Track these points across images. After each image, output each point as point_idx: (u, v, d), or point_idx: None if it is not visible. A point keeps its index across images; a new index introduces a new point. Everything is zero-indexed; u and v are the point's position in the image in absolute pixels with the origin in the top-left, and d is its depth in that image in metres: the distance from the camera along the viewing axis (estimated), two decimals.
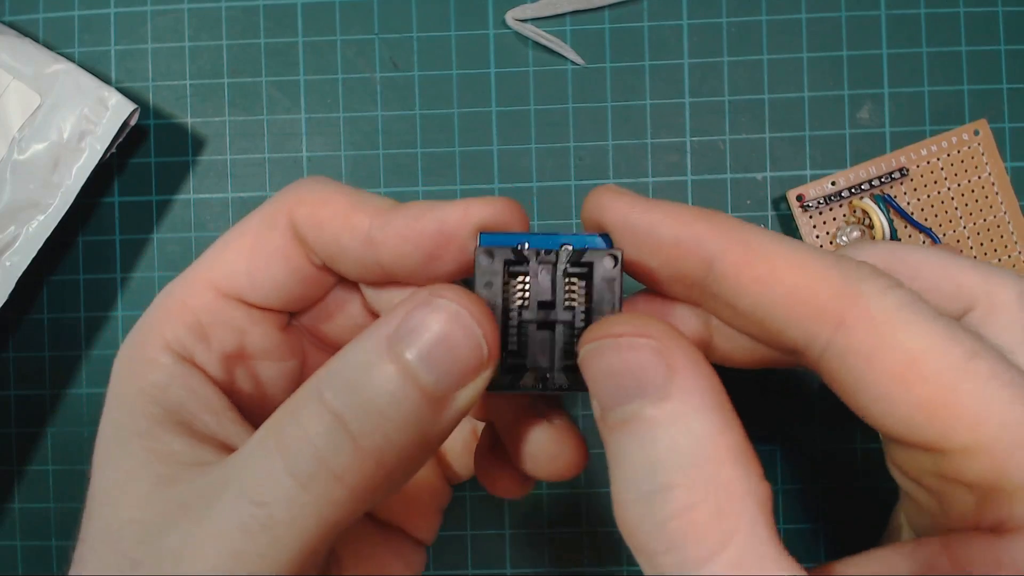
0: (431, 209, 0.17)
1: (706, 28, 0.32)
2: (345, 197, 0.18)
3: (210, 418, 0.18)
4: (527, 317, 0.17)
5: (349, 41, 0.33)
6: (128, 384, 0.18)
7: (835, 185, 0.31)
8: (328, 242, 0.18)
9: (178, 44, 0.33)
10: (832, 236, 0.31)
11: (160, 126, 0.33)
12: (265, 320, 0.20)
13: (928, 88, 0.32)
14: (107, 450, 0.18)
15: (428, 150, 0.33)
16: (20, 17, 0.33)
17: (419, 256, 0.18)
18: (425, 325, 0.15)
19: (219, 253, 0.19)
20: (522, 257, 0.17)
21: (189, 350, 0.19)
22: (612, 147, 0.33)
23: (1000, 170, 0.31)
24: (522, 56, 0.33)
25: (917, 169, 0.31)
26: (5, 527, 0.33)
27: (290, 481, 0.15)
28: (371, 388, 0.15)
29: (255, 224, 0.19)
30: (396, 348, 0.15)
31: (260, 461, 0.16)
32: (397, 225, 0.17)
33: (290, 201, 0.19)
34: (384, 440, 0.15)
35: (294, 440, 0.15)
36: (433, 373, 0.15)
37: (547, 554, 0.32)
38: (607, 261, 0.17)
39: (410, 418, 0.15)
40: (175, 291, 0.19)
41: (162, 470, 0.17)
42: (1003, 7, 0.32)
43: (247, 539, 0.15)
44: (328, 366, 0.16)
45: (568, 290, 0.17)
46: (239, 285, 0.19)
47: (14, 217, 0.31)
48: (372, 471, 0.15)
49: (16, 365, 0.33)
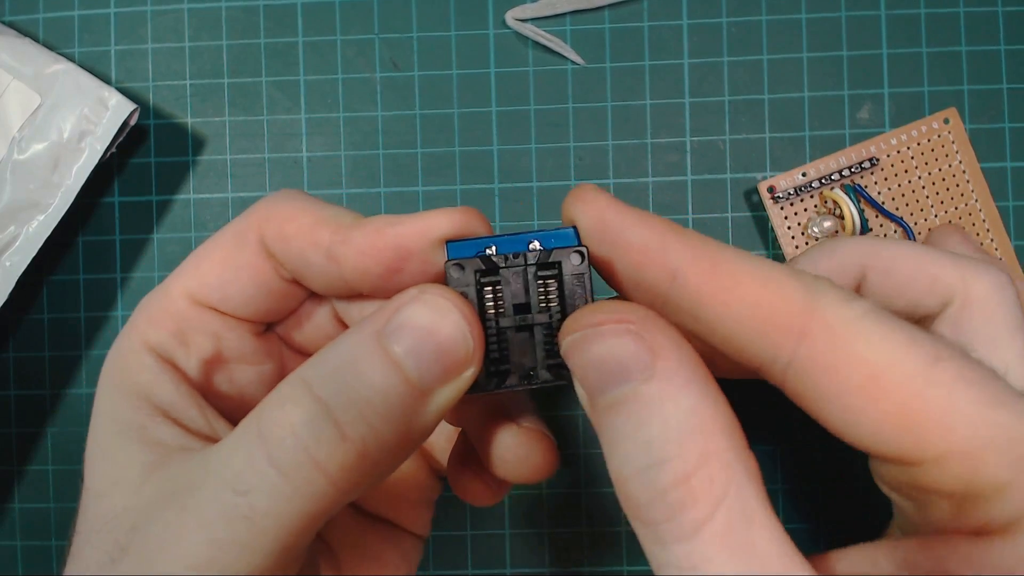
0: (390, 225, 0.18)
1: (706, 28, 0.32)
2: (310, 213, 0.18)
3: (195, 413, 0.19)
4: (505, 324, 0.17)
5: (349, 41, 0.33)
6: (116, 384, 0.19)
7: (805, 176, 0.31)
8: (294, 257, 0.19)
9: (178, 44, 0.33)
10: (804, 227, 0.31)
11: (160, 126, 0.33)
12: (240, 327, 0.20)
13: (928, 88, 0.32)
14: (99, 445, 0.18)
15: (428, 150, 0.33)
16: (20, 17, 0.33)
17: (380, 271, 0.18)
18: (413, 319, 0.16)
19: (194, 265, 0.20)
20: (492, 265, 0.17)
21: (170, 353, 0.19)
22: (612, 147, 0.33)
23: (971, 158, 0.31)
24: (522, 56, 0.33)
25: (888, 159, 0.31)
26: (5, 527, 0.33)
27: (272, 470, 0.15)
28: (358, 379, 0.15)
29: (227, 239, 0.20)
30: (384, 341, 0.16)
31: (242, 450, 0.16)
32: (357, 241, 0.18)
33: (260, 217, 0.19)
34: (369, 431, 0.15)
35: (277, 429, 0.15)
36: (420, 365, 0.16)
37: (547, 554, 0.32)
38: (574, 257, 0.17)
39: (395, 410, 0.16)
40: (155, 299, 0.20)
41: (152, 458, 0.17)
42: (1003, 7, 0.32)
43: (228, 528, 0.15)
44: (315, 358, 0.16)
45: (541, 291, 0.17)
46: (212, 297, 0.19)
47: (14, 217, 0.31)
48: (356, 462, 0.16)
49: (16, 365, 0.33)
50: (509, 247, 0.18)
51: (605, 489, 0.32)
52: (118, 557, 0.16)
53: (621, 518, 0.32)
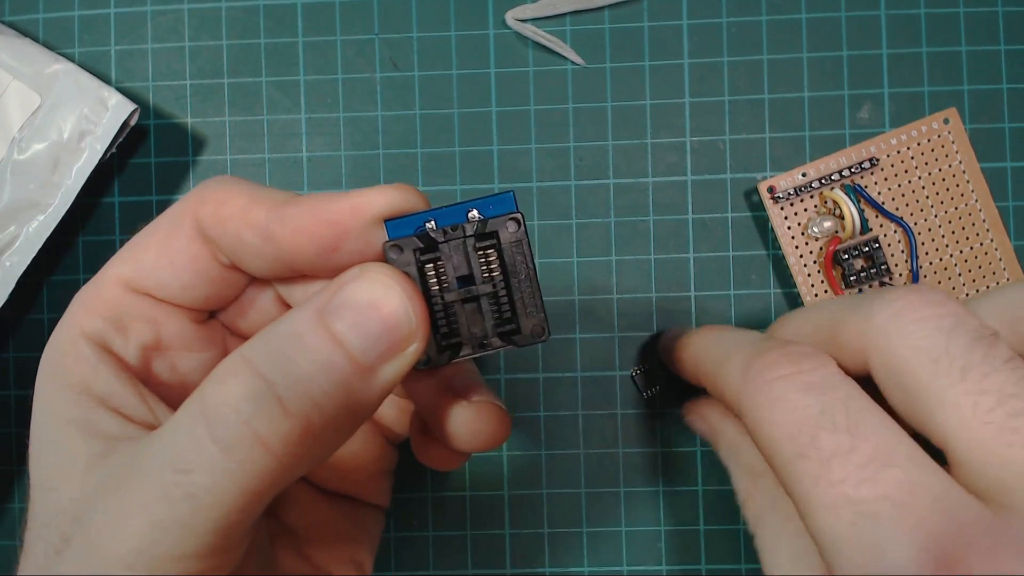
0: (323, 202, 0.18)
1: (706, 28, 0.32)
2: (244, 194, 0.18)
3: (136, 401, 0.18)
4: (450, 298, 0.17)
5: (349, 41, 0.33)
6: (54, 376, 0.18)
7: (805, 176, 0.31)
8: (230, 239, 0.18)
9: (178, 44, 0.33)
10: (803, 227, 0.31)
11: (160, 126, 0.33)
12: (179, 314, 0.20)
13: (928, 88, 0.32)
14: (43, 440, 0.18)
15: (428, 150, 0.33)
16: (20, 17, 0.33)
17: (317, 249, 0.18)
18: (355, 296, 0.16)
19: (129, 252, 0.20)
20: (431, 242, 0.17)
21: (108, 341, 0.19)
22: (612, 147, 0.33)
23: (971, 158, 0.31)
24: (522, 56, 0.33)
25: (888, 159, 0.31)
26: (5, 527, 0.33)
27: (214, 448, 0.15)
28: (301, 355, 0.15)
29: (163, 225, 0.19)
30: (326, 318, 0.16)
31: (184, 429, 0.16)
32: (291, 219, 0.18)
33: (194, 201, 0.19)
34: (312, 406, 0.15)
35: (219, 406, 0.15)
36: (363, 342, 0.16)
37: (547, 554, 0.32)
38: (510, 225, 0.17)
39: (339, 386, 0.16)
40: (90, 289, 0.20)
41: (98, 448, 0.17)
42: (1003, 7, 0.32)
43: (169, 508, 0.15)
44: (257, 337, 0.16)
45: (483, 261, 0.17)
46: (148, 283, 0.19)
47: (14, 217, 0.31)
48: (300, 436, 0.15)
49: (16, 365, 0.33)
50: (448, 219, 0.18)
51: (605, 489, 0.32)
52: (62, 548, 0.16)
53: (621, 518, 0.32)
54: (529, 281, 0.17)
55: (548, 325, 0.18)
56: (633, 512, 0.32)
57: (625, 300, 0.32)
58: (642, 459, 0.32)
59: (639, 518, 0.32)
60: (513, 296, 0.17)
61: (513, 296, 0.17)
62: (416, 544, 0.32)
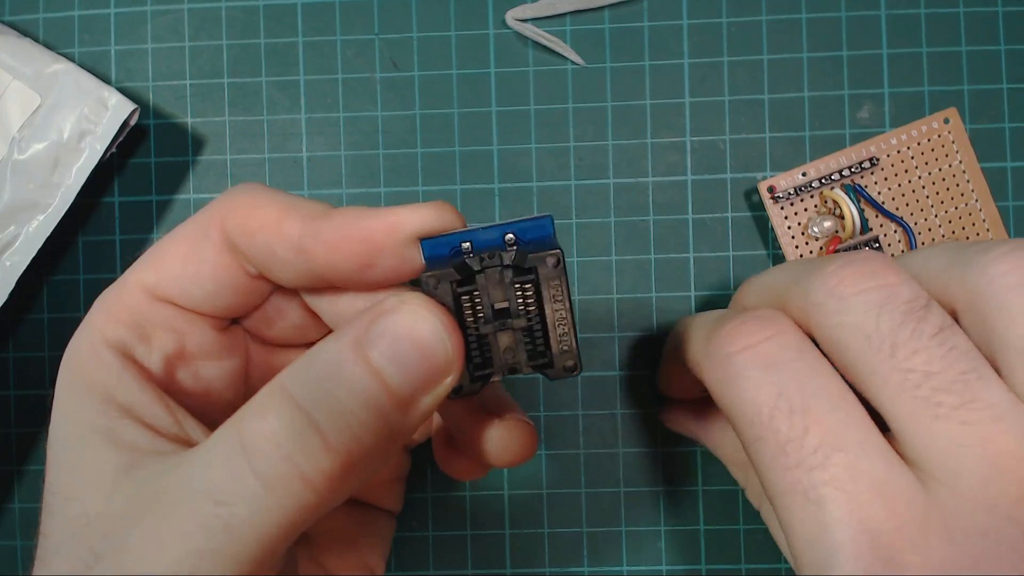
0: (358, 218, 0.17)
1: (706, 28, 0.32)
2: (276, 204, 0.18)
3: (162, 412, 0.18)
4: (486, 330, 0.17)
5: (349, 41, 0.33)
6: (77, 383, 0.18)
7: (805, 176, 0.31)
8: (260, 251, 0.18)
9: (178, 44, 0.33)
10: (804, 227, 0.31)
11: (160, 126, 0.33)
12: (203, 322, 0.20)
13: (928, 88, 0.32)
14: (64, 447, 0.18)
15: (428, 150, 0.33)
16: (20, 17, 0.33)
17: (352, 265, 0.18)
18: (393, 329, 0.16)
19: (153, 259, 0.19)
20: (468, 273, 0.17)
21: (131, 349, 0.19)
22: (612, 147, 0.33)
23: (971, 158, 0.31)
24: (522, 56, 0.33)
25: (888, 159, 0.31)
26: (5, 527, 0.33)
27: (255, 482, 0.15)
28: (340, 388, 0.15)
29: (188, 233, 0.19)
30: (365, 350, 0.16)
31: (223, 460, 0.16)
32: (327, 235, 0.17)
33: (222, 210, 0.19)
34: (352, 440, 0.15)
35: (260, 439, 0.15)
36: (401, 375, 0.16)
37: (547, 554, 0.32)
38: (550, 261, 0.17)
39: (377, 418, 0.16)
40: (112, 294, 0.19)
41: (124, 460, 0.17)
42: (1003, 7, 0.32)
43: (209, 539, 0.15)
44: (295, 367, 0.16)
45: (519, 295, 0.17)
46: (172, 292, 0.19)
47: (14, 217, 0.31)
48: (339, 470, 0.16)
49: (16, 365, 0.33)
50: (484, 241, 0.17)
51: (605, 489, 0.32)
52: (93, 565, 0.16)
53: (621, 518, 0.32)
54: (565, 317, 0.17)
55: (581, 361, 0.18)
56: (633, 512, 0.32)
57: (625, 300, 0.32)
58: (642, 459, 0.32)
59: (639, 518, 0.32)
60: (548, 331, 0.17)
61: (548, 331, 0.17)
62: (416, 544, 0.32)
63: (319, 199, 0.19)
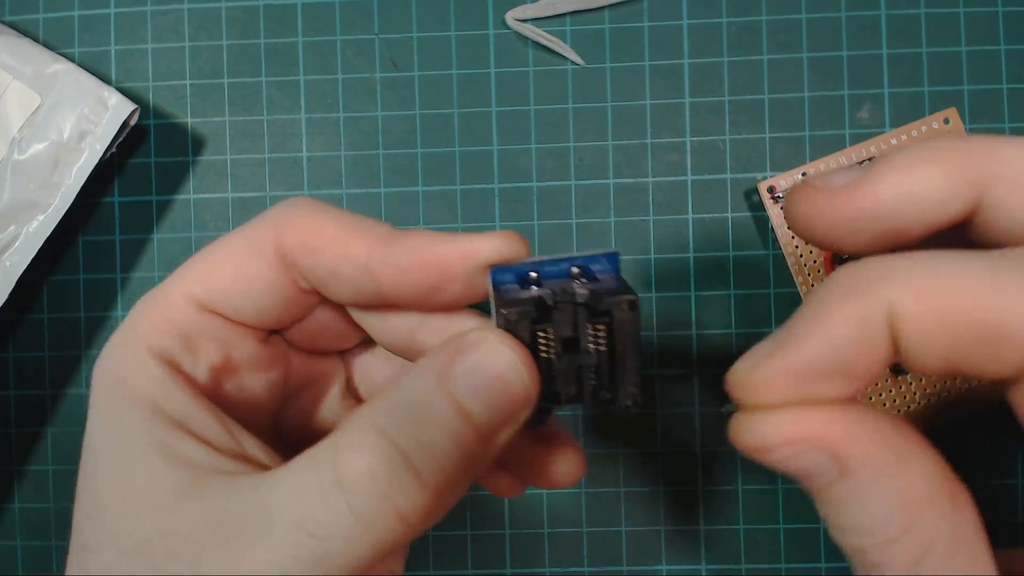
0: (430, 244, 0.18)
1: (706, 28, 0.32)
2: (338, 224, 0.18)
3: (215, 425, 0.18)
4: (559, 367, 0.18)
5: (349, 41, 0.33)
6: (121, 392, 0.18)
7: (805, 176, 0.31)
8: (322, 270, 0.18)
9: (178, 44, 0.33)
10: None
11: (160, 126, 0.33)
12: (249, 334, 0.20)
13: (928, 88, 0.32)
14: (113, 459, 0.17)
15: (428, 150, 0.33)
16: (20, 17, 0.33)
17: (420, 289, 0.18)
18: (478, 366, 0.16)
19: (201, 271, 0.19)
20: (546, 310, 0.17)
21: (177, 360, 0.18)
22: (612, 147, 0.33)
23: None
24: (522, 56, 0.33)
25: None
26: (5, 527, 0.33)
27: (352, 517, 0.15)
28: (431, 424, 0.16)
29: (241, 245, 0.19)
30: (452, 386, 0.16)
31: (319, 494, 0.16)
32: (398, 259, 0.18)
33: (279, 226, 0.18)
34: (444, 476, 0.16)
35: (358, 476, 0.16)
36: (485, 411, 0.16)
37: (547, 554, 0.32)
38: (625, 306, 0.17)
39: (464, 453, 0.16)
40: (156, 302, 0.19)
41: (183, 477, 0.17)
42: (1003, 7, 0.32)
43: (299, 566, 0.15)
44: (384, 402, 0.16)
45: (591, 335, 0.18)
46: (222, 305, 0.19)
47: (14, 217, 0.31)
48: (432, 506, 0.16)
49: (16, 365, 0.33)
50: (550, 272, 0.18)
51: (605, 489, 0.32)
52: None
53: (621, 518, 0.32)
54: (635, 359, 0.18)
55: (640, 399, 0.18)
56: (633, 512, 0.32)
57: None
58: (642, 459, 0.32)
59: (639, 518, 0.32)
60: (616, 371, 0.18)
61: (616, 371, 0.18)
62: (416, 544, 0.32)
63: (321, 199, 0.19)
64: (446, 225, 0.33)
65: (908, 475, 0.14)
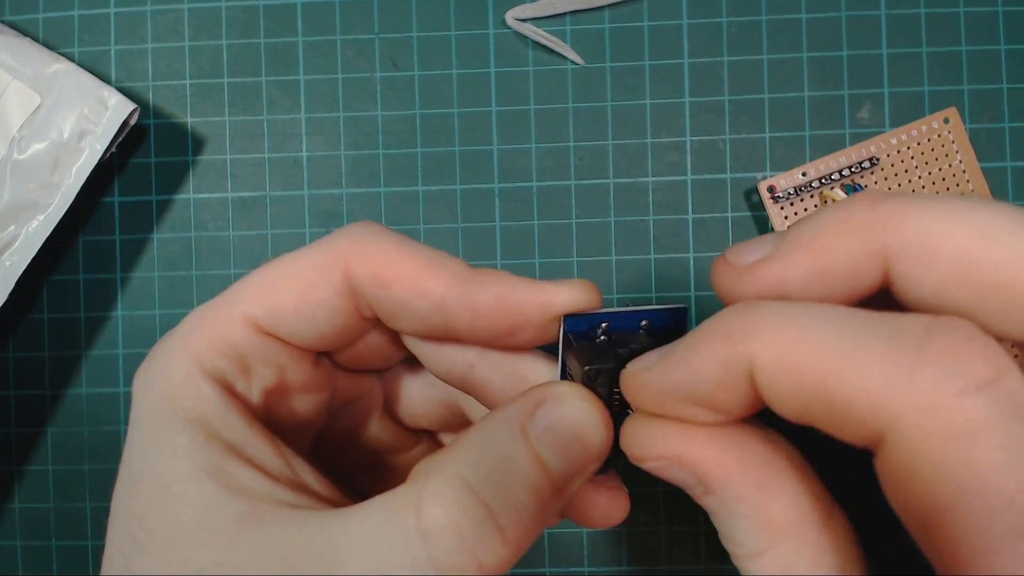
0: (510, 291, 0.18)
1: (706, 28, 0.32)
2: (414, 259, 0.18)
3: (271, 452, 0.17)
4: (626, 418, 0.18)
5: (349, 41, 0.33)
6: (171, 411, 0.17)
7: (805, 176, 0.31)
8: (394, 304, 0.18)
9: (178, 44, 0.33)
10: None
11: (160, 126, 0.33)
12: (303, 356, 0.19)
13: (928, 88, 0.32)
14: (163, 482, 0.17)
15: (428, 150, 0.33)
16: (20, 17, 0.33)
17: (495, 333, 0.18)
18: (561, 422, 0.16)
19: (262, 292, 0.18)
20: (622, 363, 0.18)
21: (232, 382, 0.18)
22: (612, 147, 0.33)
23: (971, 158, 0.31)
24: (522, 56, 0.33)
25: (887, 159, 0.31)
26: (5, 527, 0.33)
27: (433, 570, 0.15)
28: (513, 478, 0.16)
29: (304, 271, 0.18)
30: (534, 440, 0.16)
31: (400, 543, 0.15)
32: (477, 302, 0.18)
33: (348, 254, 0.18)
34: (523, 530, 0.16)
35: (442, 528, 0.15)
36: (563, 467, 0.16)
37: (547, 554, 0.32)
38: None
39: (540, 505, 0.16)
40: (213, 319, 0.18)
41: (243, 508, 0.16)
42: (1003, 7, 0.32)
43: None
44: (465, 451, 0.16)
45: None
46: (281, 329, 0.18)
47: (14, 217, 0.31)
48: (511, 561, 0.16)
49: (16, 365, 0.33)
50: (621, 323, 0.18)
51: None
52: None
53: None
54: None
55: None
56: (633, 512, 0.32)
57: (625, 300, 0.32)
58: None
59: (639, 518, 0.32)
60: None
61: None
62: None
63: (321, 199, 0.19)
64: (446, 225, 0.33)
65: (768, 502, 0.14)
